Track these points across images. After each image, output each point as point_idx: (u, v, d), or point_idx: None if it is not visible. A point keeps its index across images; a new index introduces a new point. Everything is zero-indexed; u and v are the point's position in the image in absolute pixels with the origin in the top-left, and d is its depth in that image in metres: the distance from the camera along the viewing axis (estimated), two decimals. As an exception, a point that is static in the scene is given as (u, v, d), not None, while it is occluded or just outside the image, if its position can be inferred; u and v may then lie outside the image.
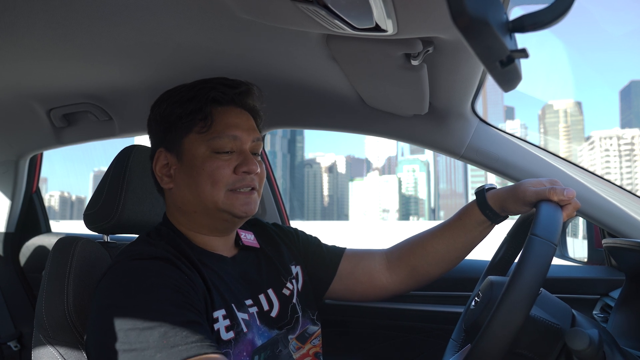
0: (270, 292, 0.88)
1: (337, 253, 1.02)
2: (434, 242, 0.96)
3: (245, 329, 0.78)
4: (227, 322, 0.76)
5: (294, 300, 0.91)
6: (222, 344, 0.73)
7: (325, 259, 1.00)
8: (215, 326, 0.74)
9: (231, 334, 0.75)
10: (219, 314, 0.75)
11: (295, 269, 0.96)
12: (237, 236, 0.92)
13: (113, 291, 0.69)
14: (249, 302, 0.82)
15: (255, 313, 0.82)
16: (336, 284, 1.00)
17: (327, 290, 1.00)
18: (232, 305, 0.78)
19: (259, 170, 0.83)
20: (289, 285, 0.91)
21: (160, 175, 0.85)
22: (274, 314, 0.85)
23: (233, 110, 0.85)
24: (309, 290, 0.97)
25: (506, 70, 0.39)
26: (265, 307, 0.85)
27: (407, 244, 1.00)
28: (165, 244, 0.79)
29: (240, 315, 0.78)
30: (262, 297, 0.86)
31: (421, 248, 0.97)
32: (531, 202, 0.79)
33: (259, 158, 0.87)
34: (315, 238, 1.06)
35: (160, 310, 0.65)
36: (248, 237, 0.94)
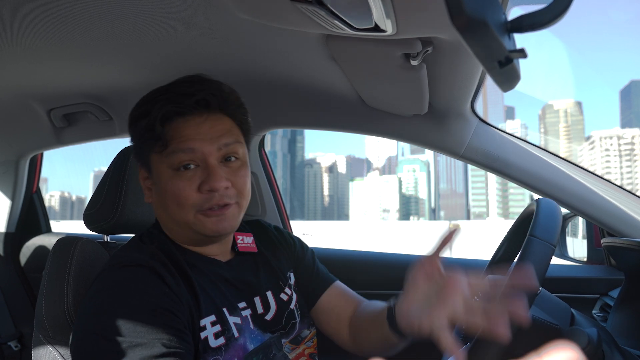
0: (269, 294, 0.85)
1: (326, 281, 0.96)
2: (369, 331, 0.86)
3: (236, 334, 0.76)
4: (217, 327, 0.74)
5: (292, 306, 0.88)
6: (211, 351, 0.72)
7: (312, 282, 0.95)
8: (202, 334, 0.72)
9: (221, 340, 0.73)
10: (207, 321, 0.73)
11: (293, 277, 0.94)
12: (234, 240, 0.88)
13: (91, 311, 0.69)
14: (242, 304, 0.80)
15: (248, 316, 0.80)
16: (313, 313, 0.95)
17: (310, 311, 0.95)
18: (224, 309, 0.76)
19: (227, 184, 0.74)
20: (287, 290, 0.89)
21: (144, 188, 0.83)
22: (268, 317, 0.83)
23: (193, 120, 0.75)
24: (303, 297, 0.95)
25: (505, 70, 0.39)
26: (260, 309, 0.82)
27: (363, 320, 0.90)
28: (156, 247, 0.77)
29: (232, 320, 0.76)
30: (257, 300, 0.83)
31: (364, 333, 0.89)
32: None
33: (238, 163, 0.78)
34: (312, 253, 1.00)
35: (132, 344, 0.63)
36: (246, 241, 0.90)
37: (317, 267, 0.98)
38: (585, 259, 1.37)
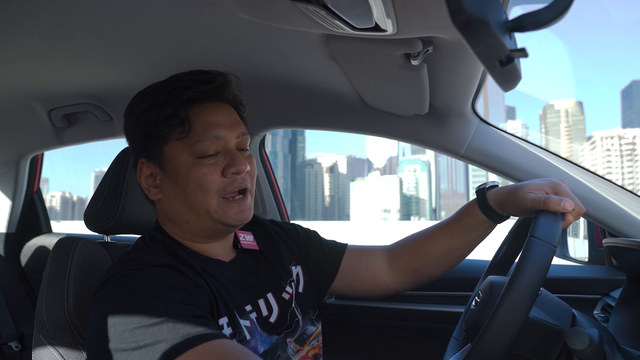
0: (269, 296, 0.85)
1: (339, 249, 1.00)
2: (435, 243, 0.94)
3: (248, 337, 0.76)
4: (230, 330, 0.74)
5: (293, 305, 0.89)
6: None
7: (326, 257, 0.98)
8: None
9: None
10: (223, 321, 0.73)
11: (296, 270, 0.94)
12: (236, 237, 0.89)
13: (114, 296, 0.67)
14: (248, 307, 0.80)
15: (254, 319, 0.80)
16: (338, 282, 0.98)
17: (329, 288, 0.99)
18: (234, 312, 0.76)
19: (248, 168, 0.78)
20: (288, 289, 0.89)
21: (147, 186, 0.81)
22: (272, 319, 0.83)
23: (211, 106, 0.79)
24: (310, 290, 0.96)
25: (506, 69, 0.39)
26: (264, 312, 0.82)
27: (408, 244, 0.99)
28: (162, 251, 0.76)
29: (243, 323, 0.76)
30: (261, 302, 0.83)
31: (423, 249, 0.96)
32: (528, 209, 0.77)
33: (247, 153, 0.82)
34: (315, 233, 1.03)
35: (165, 307, 0.62)
36: (247, 239, 0.91)
37: (325, 242, 1.01)
38: (586, 259, 1.37)
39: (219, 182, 0.76)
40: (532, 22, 0.38)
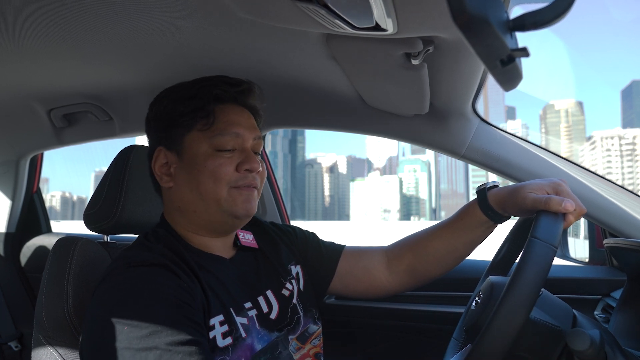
0: (269, 293, 0.86)
1: (336, 251, 1.01)
2: (434, 243, 0.94)
3: (244, 334, 0.76)
4: (225, 327, 0.74)
5: (294, 301, 0.90)
6: (219, 351, 0.72)
7: (324, 257, 1.00)
8: (212, 334, 0.72)
9: (229, 340, 0.74)
10: (216, 320, 0.74)
11: (296, 269, 0.96)
12: (236, 236, 0.91)
13: (109, 304, 0.68)
14: (248, 305, 0.81)
15: (254, 316, 0.81)
16: (335, 282, 0.99)
17: (327, 289, 1.00)
18: (231, 309, 0.77)
19: (260, 168, 0.83)
20: (288, 285, 0.90)
21: (160, 174, 0.85)
22: (273, 315, 0.84)
23: (234, 108, 0.85)
24: (311, 289, 0.97)
25: (507, 69, 0.39)
26: (265, 309, 0.84)
27: (407, 244, 0.99)
28: (163, 247, 0.77)
29: (239, 320, 0.77)
30: (261, 299, 0.84)
31: (421, 249, 0.96)
32: (529, 209, 0.77)
33: (259, 157, 0.86)
34: (313, 234, 1.05)
35: (156, 330, 0.64)
36: (247, 237, 0.93)
37: (323, 243, 1.03)
38: (587, 260, 1.37)
39: (231, 175, 0.80)
40: (533, 21, 0.38)
